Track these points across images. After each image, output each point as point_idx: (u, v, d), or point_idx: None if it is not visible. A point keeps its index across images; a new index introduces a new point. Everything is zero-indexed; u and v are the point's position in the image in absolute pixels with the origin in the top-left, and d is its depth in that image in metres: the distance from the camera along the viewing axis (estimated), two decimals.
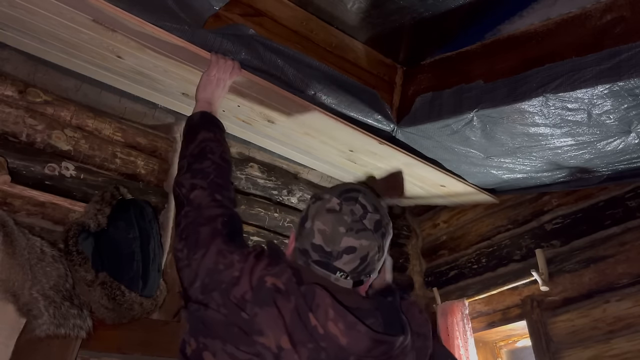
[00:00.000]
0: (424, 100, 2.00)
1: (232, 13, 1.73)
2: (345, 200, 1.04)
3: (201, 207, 1.13)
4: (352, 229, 1.01)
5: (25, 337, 1.46)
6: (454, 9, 1.80)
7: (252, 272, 0.97)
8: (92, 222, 1.70)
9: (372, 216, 1.04)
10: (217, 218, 1.10)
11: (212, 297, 0.97)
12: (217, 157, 1.25)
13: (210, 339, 0.94)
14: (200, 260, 1.02)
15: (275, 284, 0.95)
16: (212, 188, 1.17)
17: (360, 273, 1.03)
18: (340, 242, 1.00)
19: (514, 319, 2.40)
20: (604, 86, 1.53)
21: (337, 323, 0.91)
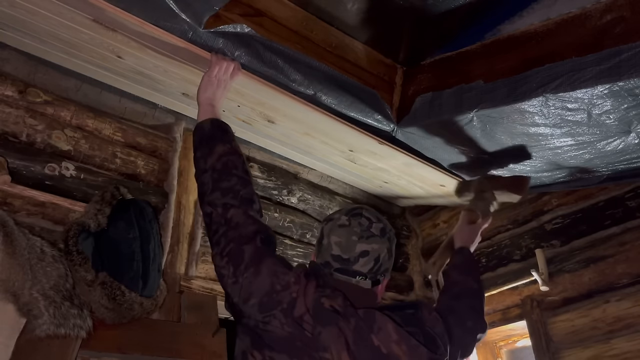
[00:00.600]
0: (424, 100, 2.00)
1: (232, 13, 1.73)
2: (352, 216, 1.24)
3: (239, 225, 1.20)
4: (362, 236, 1.20)
5: (25, 337, 1.46)
6: (454, 9, 1.80)
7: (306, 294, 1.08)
8: (92, 222, 1.70)
9: (377, 225, 1.24)
10: (256, 235, 1.19)
11: (274, 316, 1.06)
12: (241, 171, 1.31)
13: (276, 352, 1.04)
14: (251, 279, 1.10)
15: (333, 305, 1.07)
16: (244, 205, 1.24)
17: (376, 273, 1.21)
18: (355, 248, 1.19)
19: (514, 319, 2.40)
20: (604, 86, 1.53)
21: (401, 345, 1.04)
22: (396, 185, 2.60)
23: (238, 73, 1.57)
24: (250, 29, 1.66)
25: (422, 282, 2.94)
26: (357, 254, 1.18)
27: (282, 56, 1.76)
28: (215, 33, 1.60)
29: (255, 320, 1.08)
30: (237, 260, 1.14)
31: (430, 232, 3.02)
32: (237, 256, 1.14)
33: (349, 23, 1.99)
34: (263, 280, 1.10)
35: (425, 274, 2.79)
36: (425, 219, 3.06)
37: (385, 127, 2.04)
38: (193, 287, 2.00)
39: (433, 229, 3.00)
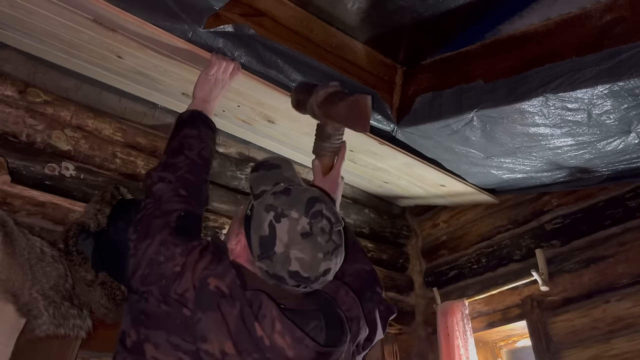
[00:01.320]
0: (424, 100, 2.00)
1: (232, 13, 1.73)
2: (313, 217, 1.00)
3: (162, 200, 1.10)
4: (328, 251, 0.99)
5: (25, 337, 1.46)
6: (454, 9, 1.80)
7: (195, 268, 0.95)
8: (92, 222, 1.70)
9: (336, 227, 1.03)
10: (174, 212, 1.07)
11: (151, 292, 0.95)
12: (194, 153, 1.22)
13: (152, 330, 0.93)
14: (144, 251, 1.00)
15: (219, 286, 0.93)
16: (179, 182, 1.14)
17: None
18: (319, 267, 0.98)
19: (514, 319, 2.40)
20: (604, 86, 1.53)
21: (285, 336, 0.90)
22: (396, 185, 2.60)
23: (237, 73, 1.56)
24: (250, 29, 1.66)
25: (422, 282, 2.94)
26: (320, 273, 0.99)
27: (282, 56, 1.76)
28: (215, 33, 1.60)
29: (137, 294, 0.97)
30: (142, 234, 1.04)
31: (430, 232, 3.02)
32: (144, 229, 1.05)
33: (349, 23, 1.99)
34: (150, 250, 0.99)
35: None
36: (425, 219, 3.06)
37: (386, 127, 2.04)
38: None
39: (433, 229, 3.00)
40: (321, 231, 0.99)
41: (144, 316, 0.95)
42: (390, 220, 2.95)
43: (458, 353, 2.35)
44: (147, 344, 0.92)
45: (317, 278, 0.99)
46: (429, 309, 2.80)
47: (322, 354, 0.93)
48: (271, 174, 1.14)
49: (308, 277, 0.98)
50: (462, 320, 2.43)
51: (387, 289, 2.77)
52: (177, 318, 0.92)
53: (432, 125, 1.95)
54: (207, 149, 1.27)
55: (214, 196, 2.20)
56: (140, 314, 0.96)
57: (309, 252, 0.97)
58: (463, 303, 2.48)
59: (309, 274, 0.98)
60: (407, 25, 1.92)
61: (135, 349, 0.94)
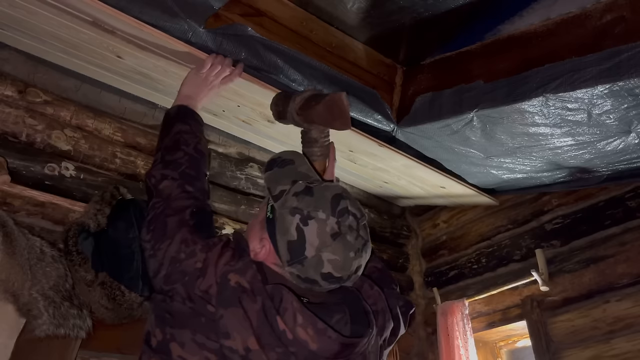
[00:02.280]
0: (424, 100, 2.00)
1: (232, 13, 1.73)
2: (340, 216, 0.99)
3: (170, 198, 1.10)
4: (358, 249, 0.98)
5: (24, 337, 1.46)
6: (454, 9, 1.80)
7: (217, 265, 0.95)
8: (92, 222, 1.69)
9: (362, 222, 1.02)
10: (186, 209, 1.07)
11: (175, 290, 0.95)
12: (191, 148, 1.22)
13: (178, 329, 0.93)
14: (165, 250, 1.00)
15: (240, 282, 0.92)
16: (183, 179, 1.14)
17: None
18: (351, 266, 0.98)
19: (514, 319, 2.40)
20: (604, 86, 1.53)
21: (307, 329, 0.89)
22: (396, 185, 2.60)
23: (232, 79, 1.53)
24: (250, 29, 1.66)
25: (422, 282, 2.94)
26: (352, 271, 0.98)
27: (282, 56, 1.76)
28: (215, 33, 1.60)
29: (162, 294, 0.98)
30: (159, 233, 1.04)
31: (430, 232, 3.01)
32: (160, 229, 1.04)
33: (349, 23, 1.98)
34: (172, 249, 0.99)
35: None
36: (425, 219, 3.06)
37: (385, 127, 2.04)
38: None
39: (433, 229, 3.00)
40: (349, 229, 0.98)
41: (169, 315, 0.95)
42: (390, 220, 2.95)
43: (458, 353, 2.35)
44: (173, 343, 0.92)
45: (350, 277, 0.99)
46: (429, 309, 2.80)
47: (346, 346, 0.92)
48: (286, 171, 1.11)
49: (341, 277, 0.97)
50: (462, 320, 2.43)
51: None
52: (202, 315, 0.92)
53: (432, 125, 1.95)
54: (202, 143, 1.28)
55: (214, 196, 2.20)
56: (165, 313, 0.96)
57: (341, 253, 0.96)
58: (463, 303, 2.48)
59: (342, 274, 0.97)
60: (407, 25, 1.92)
61: (161, 348, 0.93)
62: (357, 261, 0.98)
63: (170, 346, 0.92)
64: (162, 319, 0.96)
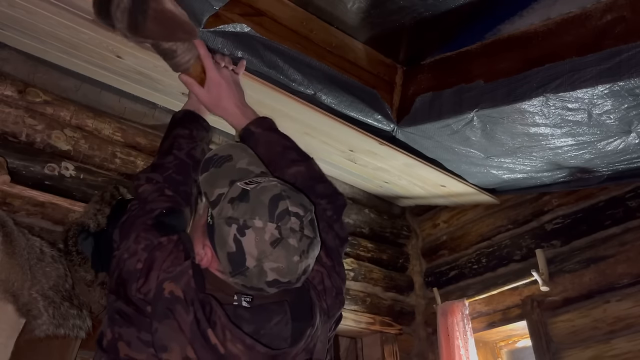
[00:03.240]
0: (424, 100, 2.00)
1: (232, 13, 1.73)
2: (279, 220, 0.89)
3: (146, 200, 1.06)
4: (303, 251, 0.91)
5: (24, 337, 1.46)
6: (454, 9, 1.80)
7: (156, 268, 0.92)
8: (91, 222, 1.69)
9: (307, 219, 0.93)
10: (155, 210, 1.03)
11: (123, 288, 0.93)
12: (183, 153, 1.19)
13: (125, 328, 0.91)
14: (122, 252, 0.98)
15: (173, 291, 0.89)
16: (166, 182, 1.11)
17: None
18: (297, 270, 0.91)
19: (514, 319, 2.40)
20: (604, 86, 1.53)
21: (236, 344, 0.88)
22: (396, 185, 2.60)
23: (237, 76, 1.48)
24: (250, 28, 1.66)
25: (422, 282, 2.94)
26: (300, 274, 0.92)
27: (282, 56, 1.76)
28: (215, 33, 1.60)
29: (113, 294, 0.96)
30: (123, 234, 1.00)
31: (430, 232, 3.01)
32: (126, 230, 1.01)
33: (349, 23, 1.98)
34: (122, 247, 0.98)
35: None
36: (425, 219, 3.06)
37: (386, 127, 2.04)
38: None
39: (433, 229, 3.00)
40: (291, 232, 0.90)
41: (117, 315, 0.94)
42: (390, 220, 2.95)
43: (458, 353, 2.35)
44: (120, 342, 0.90)
45: (298, 279, 0.93)
46: (429, 309, 2.80)
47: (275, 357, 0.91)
48: (223, 171, 1.01)
49: (289, 281, 0.92)
50: (462, 320, 2.43)
51: (387, 289, 2.77)
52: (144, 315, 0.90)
53: (432, 125, 1.95)
54: (198, 149, 1.23)
55: None
56: (114, 314, 0.94)
57: (284, 260, 0.89)
58: (463, 303, 2.48)
59: (289, 278, 0.92)
60: (407, 25, 1.92)
61: (109, 348, 0.92)
62: (303, 263, 0.92)
63: (118, 345, 0.91)
64: (112, 319, 0.95)
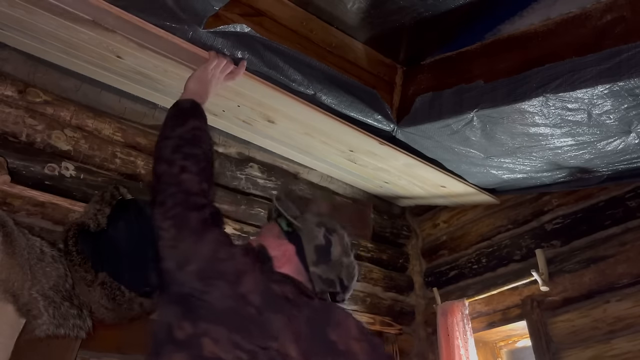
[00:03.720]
0: (424, 100, 2.00)
1: (232, 13, 1.73)
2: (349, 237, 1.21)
3: (190, 192, 1.10)
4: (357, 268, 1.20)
5: (24, 337, 1.46)
6: (454, 9, 1.80)
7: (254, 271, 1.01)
8: (92, 222, 1.69)
9: None
10: (204, 208, 1.09)
11: (216, 286, 0.97)
12: (207, 149, 1.23)
13: (213, 325, 0.93)
14: (192, 246, 1.01)
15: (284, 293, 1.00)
16: (201, 176, 1.15)
17: None
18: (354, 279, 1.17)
19: (514, 319, 2.40)
20: (604, 86, 1.53)
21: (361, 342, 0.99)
22: (396, 185, 2.60)
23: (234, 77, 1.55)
24: (250, 29, 1.66)
25: (422, 282, 2.94)
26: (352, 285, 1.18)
27: (282, 56, 1.76)
28: (215, 33, 1.60)
29: (191, 288, 0.98)
30: (182, 225, 1.04)
31: (430, 232, 3.01)
32: (183, 220, 1.05)
33: (349, 23, 1.99)
34: (205, 247, 1.02)
35: None
36: (425, 219, 3.06)
37: (386, 127, 2.04)
38: None
39: (433, 229, 3.00)
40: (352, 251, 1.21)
41: (203, 310, 0.95)
42: (390, 220, 2.95)
43: (458, 353, 2.35)
44: (206, 339, 0.92)
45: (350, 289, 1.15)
46: (429, 309, 2.80)
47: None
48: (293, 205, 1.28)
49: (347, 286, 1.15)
50: (462, 320, 2.43)
51: (387, 289, 2.77)
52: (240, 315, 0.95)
53: (432, 125, 1.95)
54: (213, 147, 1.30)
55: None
56: (199, 308, 0.96)
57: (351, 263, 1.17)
58: (463, 303, 2.48)
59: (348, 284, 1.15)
60: (407, 25, 1.92)
61: (190, 342, 0.93)
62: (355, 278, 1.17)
63: (202, 341, 0.92)
64: (193, 312, 0.95)
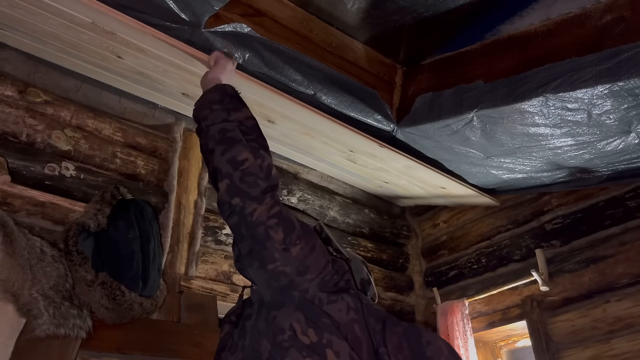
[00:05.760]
0: (424, 100, 2.00)
1: (232, 13, 1.73)
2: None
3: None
4: None
5: (25, 337, 1.46)
6: (454, 9, 1.80)
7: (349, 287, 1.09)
8: (92, 222, 1.70)
9: None
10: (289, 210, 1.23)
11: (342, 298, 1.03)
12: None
13: (336, 338, 0.96)
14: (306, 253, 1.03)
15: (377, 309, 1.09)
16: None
17: None
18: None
19: (514, 319, 2.40)
20: (604, 86, 1.53)
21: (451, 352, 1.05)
22: (396, 185, 2.60)
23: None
24: (250, 29, 1.66)
25: (422, 282, 2.94)
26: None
27: (282, 56, 1.76)
28: (215, 33, 1.60)
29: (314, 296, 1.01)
30: (288, 227, 1.02)
31: (430, 232, 3.01)
32: (287, 222, 1.03)
33: (349, 23, 1.98)
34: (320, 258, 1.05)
35: None
36: (425, 219, 3.06)
37: (385, 127, 2.04)
38: (193, 287, 2.00)
39: (433, 229, 3.00)
40: None
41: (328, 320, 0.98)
42: (390, 220, 2.95)
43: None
44: (329, 350, 0.94)
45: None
46: (429, 309, 2.80)
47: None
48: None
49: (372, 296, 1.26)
50: (462, 320, 2.43)
51: (387, 289, 2.77)
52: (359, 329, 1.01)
53: (432, 125, 1.95)
54: None
55: (214, 196, 2.20)
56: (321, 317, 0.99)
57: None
58: (463, 303, 2.48)
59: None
60: (407, 25, 1.92)
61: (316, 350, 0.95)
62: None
63: (326, 351, 0.95)
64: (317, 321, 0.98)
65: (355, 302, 1.03)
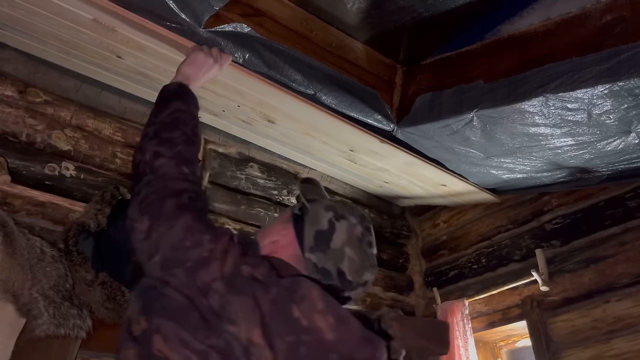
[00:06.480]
0: (424, 100, 2.00)
1: (232, 13, 1.73)
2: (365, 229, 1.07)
3: (166, 177, 1.05)
4: (371, 264, 1.04)
5: (25, 337, 1.46)
6: (454, 9, 1.80)
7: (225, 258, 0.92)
8: (92, 222, 1.70)
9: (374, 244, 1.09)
10: (184, 193, 1.03)
11: (174, 275, 0.91)
12: (189, 129, 1.16)
13: (165, 320, 0.88)
14: (164, 234, 0.95)
15: (253, 274, 0.91)
16: (178, 159, 1.08)
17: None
18: (362, 275, 1.02)
19: (514, 319, 2.40)
20: (604, 86, 1.53)
21: (326, 316, 0.88)
22: (396, 185, 2.60)
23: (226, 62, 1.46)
24: (250, 29, 1.66)
25: (422, 282, 2.94)
26: (361, 282, 1.02)
27: (282, 56, 1.76)
28: (215, 33, 1.60)
29: (155, 279, 0.93)
30: (155, 215, 0.98)
31: (430, 232, 3.01)
32: (156, 209, 0.98)
33: (349, 23, 1.99)
34: (173, 234, 0.94)
35: None
36: (425, 219, 3.06)
37: (386, 127, 2.04)
38: None
39: (433, 229, 3.00)
40: (369, 245, 1.06)
41: (159, 304, 0.90)
42: (390, 220, 2.95)
43: (458, 353, 2.35)
44: (156, 336, 0.88)
45: (357, 286, 1.02)
46: (429, 309, 2.80)
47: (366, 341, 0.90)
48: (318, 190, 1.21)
49: (351, 281, 1.00)
50: (462, 320, 2.43)
51: (387, 288, 2.77)
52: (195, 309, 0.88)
53: (432, 125, 1.95)
54: (198, 127, 1.23)
55: (214, 196, 2.20)
56: (155, 301, 0.91)
57: (360, 256, 1.02)
58: (463, 303, 2.48)
59: (353, 279, 1.00)
60: (407, 25, 1.92)
61: (142, 338, 0.89)
62: (367, 274, 1.03)
63: (153, 337, 0.88)
64: (151, 307, 0.91)
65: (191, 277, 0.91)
